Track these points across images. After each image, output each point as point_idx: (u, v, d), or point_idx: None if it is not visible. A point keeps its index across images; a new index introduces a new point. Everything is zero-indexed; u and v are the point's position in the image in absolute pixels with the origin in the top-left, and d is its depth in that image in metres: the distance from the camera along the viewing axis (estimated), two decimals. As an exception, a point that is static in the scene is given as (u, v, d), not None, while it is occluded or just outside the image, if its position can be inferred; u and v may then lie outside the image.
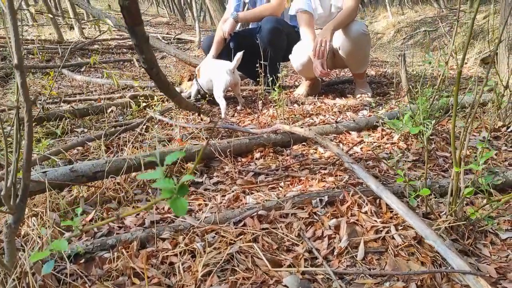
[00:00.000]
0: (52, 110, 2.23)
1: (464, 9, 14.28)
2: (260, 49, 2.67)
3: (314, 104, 2.48)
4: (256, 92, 2.97)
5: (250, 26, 3.06)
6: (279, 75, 2.26)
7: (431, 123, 1.21)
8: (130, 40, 4.57)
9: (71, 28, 8.01)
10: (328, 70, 2.32)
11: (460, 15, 11.25)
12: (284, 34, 2.60)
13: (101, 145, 1.82)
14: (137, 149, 1.84)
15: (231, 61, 2.62)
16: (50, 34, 6.96)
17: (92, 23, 9.41)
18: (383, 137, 1.80)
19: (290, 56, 2.65)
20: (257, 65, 2.72)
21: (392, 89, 2.84)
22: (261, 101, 2.61)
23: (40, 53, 4.57)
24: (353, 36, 2.34)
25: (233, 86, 2.41)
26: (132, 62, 4.85)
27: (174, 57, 3.88)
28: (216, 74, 2.33)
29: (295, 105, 2.50)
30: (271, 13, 2.63)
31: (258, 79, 2.82)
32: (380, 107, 2.30)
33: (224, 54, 2.81)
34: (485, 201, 1.16)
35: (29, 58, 4.64)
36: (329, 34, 2.24)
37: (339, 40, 2.40)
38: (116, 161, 1.34)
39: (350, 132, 1.88)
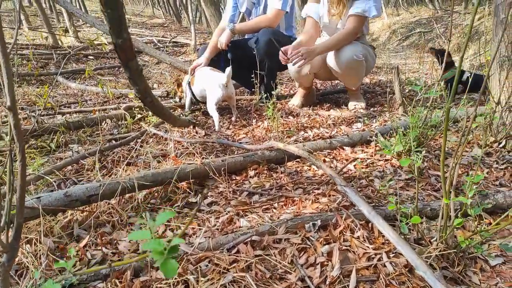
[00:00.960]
0: (46, 124, 2.22)
1: (459, 10, 14.36)
2: (257, 60, 2.68)
3: (309, 116, 2.49)
4: (251, 102, 2.98)
5: (246, 36, 3.07)
6: (274, 92, 2.27)
7: (421, 153, 1.22)
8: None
9: (66, 31, 7.98)
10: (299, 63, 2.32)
11: (454, 16, 11.28)
12: (281, 45, 2.61)
13: (95, 161, 1.83)
14: (132, 165, 1.85)
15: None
16: (45, 38, 6.92)
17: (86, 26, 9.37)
18: (376, 153, 1.81)
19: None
20: (252, 76, 2.73)
21: (386, 98, 2.86)
22: (255, 114, 2.62)
23: (35, 60, 4.55)
24: (344, 61, 2.37)
25: (227, 99, 2.41)
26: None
27: (169, 65, 3.87)
28: (210, 86, 2.34)
29: (290, 117, 2.51)
30: (267, 25, 2.64)
31: (253, 89, 2.84)
32: (374, 120, 2.31)
33: (222, 65, 2.82)
34: (476, 224, 1.18)
35: (23, 65, 4.62)
36: (312, 56, 2.29)
37: (331, 61, 2.43)
38: (110, 184, 1.35)
39: (344, 147, 1.89)
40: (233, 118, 2.52)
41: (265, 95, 2.89)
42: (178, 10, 12.17)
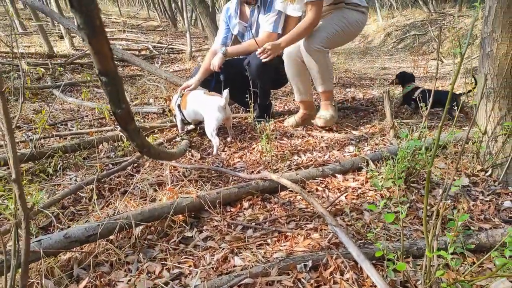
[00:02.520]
0: (44, 149, 2.25)
1: (452, 13, 14.42)
2: (250, 80, 2.72)
3: (303, 137, 2.54)
4: (246, 120, 3.03)
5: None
6: (268, 122, 2.33)
7: (405, 206, 1.28)
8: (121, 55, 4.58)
9: (61, 37, 7.97)
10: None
11: (448, 19, 11.29)
12: (272, 67, 2.65)
13: (93, 189, 1.87)
14: (129, 193, 1.89)
15: (221, 91, 2.69)
16: (41, 46, 6.91)
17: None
18: (367, 181, 1.86)
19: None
20: (247, 95, 2.78)
21: (378, 117, 2.92)
22: (250, 134, 2.67)
23: (30, 72, 4.56)
24: (307, 50, 2.46)
25: (225, 121, 2.45)
26: (127, 79, 4.86)
27: (165, 80, 3.90)
28: (208, 111, 2.36)
29: (284, 138, 2.56)
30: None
31: (248, 109, 2.88)
32: (366, 143, 2.37)
33: (213, 84, 2.86)
34: (460, 264, 1.23)
35: (19, 77, 4.62)
36: (277, 50, 2.45)
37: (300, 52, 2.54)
38: (108, 223, 1.39)
39: (336, 175, 1.94)
40: (228, 139, 2.56)
41: (259, 114, 2.96)
42: (174, 14, 12.16)
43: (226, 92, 2.31)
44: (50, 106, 3.63)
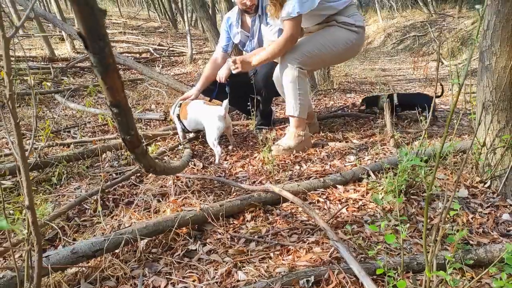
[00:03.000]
0: (48, 158, 2.28)
1: (452, 13, 14.42)
2: (254, 90, 2.75)
3: (304, 146, 2.57)
4: (247, 127, 3.05)
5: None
6: (270, 135, 2.36)
7: (405, 226, 1.30)
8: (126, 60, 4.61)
9: (62, 40, 7.99)
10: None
11: (448, 20, 11.29)
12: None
13: (97, 200, 1.90)
14: (133, 204, 1.92)
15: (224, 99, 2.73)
16: (42, 49, 6.94)
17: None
18: (368, 193, 1.89)
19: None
20: (248, 103, 2.81)
21: (378, 123, 2.95)
22: (252, 142, 2.70)
23: (32, 76, 4.59)
24: (280, 65, 2.43)
25: (225, 130, 2.48)
26: (128, 83, 4.89)
27: (167, 86, 3.93)
28: (208, 120, 2.39)
29: (285, 147, 2.58)
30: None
31: (250, 116, 2.91)
32: (366, 152, 2.39)
33: (215, 92, 2.88)
34: (459, 282, 1.26)
35: (21, 81, 4.65)
36: (247, 67, 2.43)
37: None
38: (114, 237, 1.42)
39: (337, 186, 1.97)
40: (230, 147, 2.59)
41: (261, 122, 2.99)
42: (174, 15, 12.18)
43: (225, 102, 2.34)
44: (52, 111, 3.66)
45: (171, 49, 7.68)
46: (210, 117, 2.38)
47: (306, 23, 2.46)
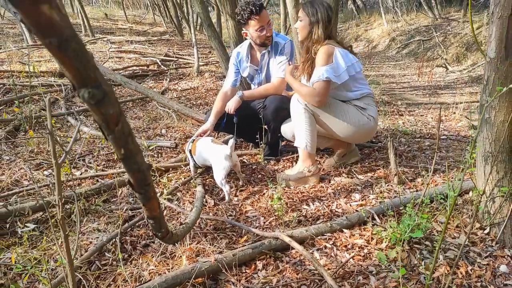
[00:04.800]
0: (66, 197, 2.39)
1: (457, 17, 14.40)
2: (263, 123, 2.86)
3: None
4: (255, 157, 3.16)
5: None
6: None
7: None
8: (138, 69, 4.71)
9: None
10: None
11: (453, 25, 11.31)
12: (287, 111, 2.78)
13: (117, 246, 2.01)
14: (149, 247, 2.03)
15: (231, 130, 2.85)
16: (51, 61, 7.07)
17: (91, 41, 9.53)
18: (373, 238, 1.99)
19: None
20: (257, 136, 2.92)
21: (382, 156, 3.04)
22: (260, 174, 2.80)
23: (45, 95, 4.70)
24: (292, 100, 2.60)
25: (233, 167, 2.58)
26: (137, 101, 5.01)
27: (177, 112, 4.04)
28: (215, 160, 2.48)
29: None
30: (274, 92, 2.83)
31: (258, 148, 3.02)
32: (371, 190, 2.49)
33: (223, 123, 2.99)
34: None
35: (34, 101, 4.77)
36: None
37: None
38: (137, 294, 1.53)
39: (343, 229, 2.07)
40: (240, 183, 2.69)
41: (268, 152, 3.09)
42: (179, 20, 12.27)
43: (232, 141, 2.44)
44: (65, 136, 3.77)
45: (178, 60, 7.79)
46: (217, 156, 2.47)
47: None
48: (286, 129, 2.82)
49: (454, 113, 4.26)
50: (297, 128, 2.55)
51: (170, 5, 12.88)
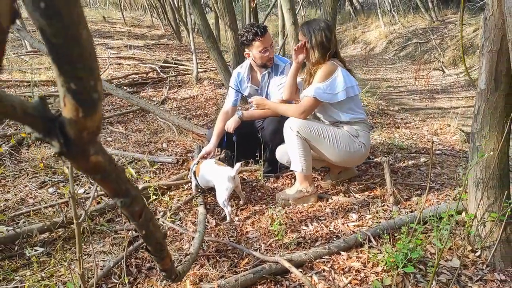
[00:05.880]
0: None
1: (454, 20, 14.49)
2: (262, 143, 2.94)
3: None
4: (255, 174, 3.24)
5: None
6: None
7: None
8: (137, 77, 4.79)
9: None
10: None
11: (450, 27, 11.42)
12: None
13: (123, 269, 2.09)
14: (153, 269, 2.11)
15: (231, 148, 2.93)
16: (51, 68, 7.11)
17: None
18: (369, 262, 2.08)
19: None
20: (257, 154, 3.00)
21: (379, 171, 3.12)
22: (260, 192, 2.89)
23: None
24: (285, 124, 2.67)
25: (235, 188, 2.66)
26: (139, 113, 5.08)
27: (177, 127, 4.11)
28: (218, 181, 2.56)
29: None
30: (272, 114, 2.90)
31: (258, 165, 3.10)
32: (367, 210, 2.57)
33: (224, 143, 3.07)
34: None
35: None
36: (261, 105, 2.92)
37: None
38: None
39: (341, 252, 2.16)
40: (241, 202, 2.77)
41: (268, 169, 3.18)
42: (177, 24, 12.32)
43: (238, 165, 2.52)
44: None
45: (176, 67, 7.85)
46: (220, 178, 2.55)
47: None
48: (280, 155, 2.90)
49: (449, 125, 4.34)
50: (291, 154, 2.62)
51: (168, 8, 12.93)
